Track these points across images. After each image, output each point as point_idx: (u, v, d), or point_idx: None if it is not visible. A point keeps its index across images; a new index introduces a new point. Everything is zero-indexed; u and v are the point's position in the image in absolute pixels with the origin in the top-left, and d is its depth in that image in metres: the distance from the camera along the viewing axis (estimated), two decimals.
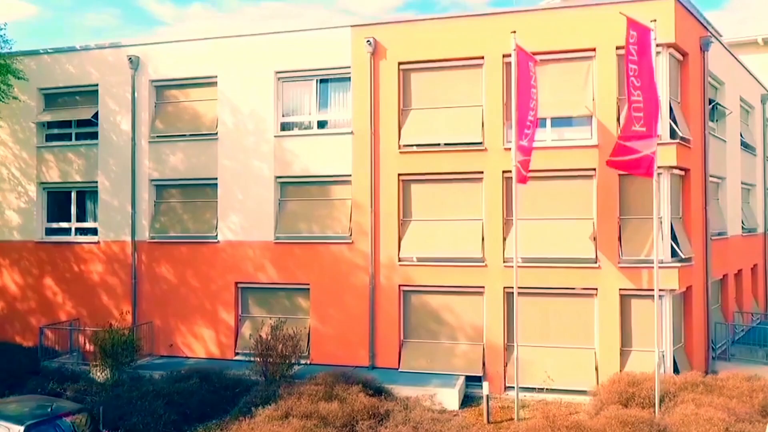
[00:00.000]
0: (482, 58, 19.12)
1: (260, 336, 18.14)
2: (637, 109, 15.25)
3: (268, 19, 74.66)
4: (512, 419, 16.25)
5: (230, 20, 74.80)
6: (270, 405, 15.29)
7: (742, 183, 25.75)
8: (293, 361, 18.16)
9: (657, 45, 17.82)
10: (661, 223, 17.98)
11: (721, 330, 21.09)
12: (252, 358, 18.47)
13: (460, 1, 75.72)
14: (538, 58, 18.34)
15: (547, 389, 18.04)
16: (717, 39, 22.30)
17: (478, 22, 19.12)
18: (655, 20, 15.73)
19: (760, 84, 28.85)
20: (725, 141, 22.90)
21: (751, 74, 27.28)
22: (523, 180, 17.15)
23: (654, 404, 15.25)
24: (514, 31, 16.54)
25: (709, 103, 21.26)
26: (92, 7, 75.00)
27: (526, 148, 16.94)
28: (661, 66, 18.07)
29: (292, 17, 78.83)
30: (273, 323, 18.80)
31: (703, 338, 19.90)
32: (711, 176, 21.18)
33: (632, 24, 15.07)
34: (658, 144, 17.76)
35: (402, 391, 17.51)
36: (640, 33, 15.09)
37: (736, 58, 24.78)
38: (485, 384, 16.77)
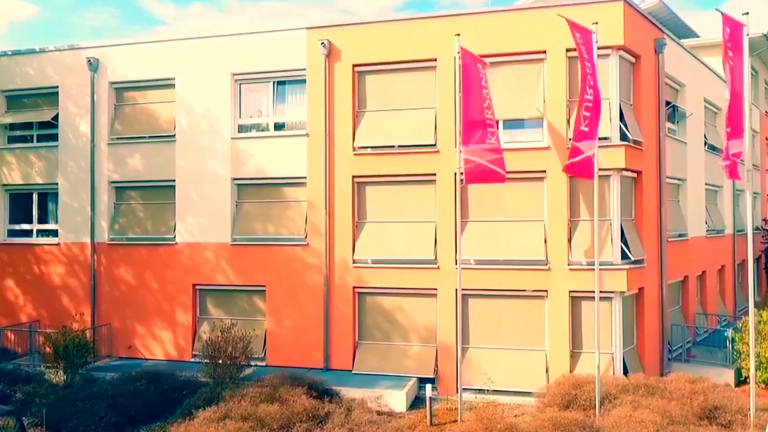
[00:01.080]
0: (435, 60, 19.14)
1: (209, 338, 18.14)
2: (587, 108, 15.29)
3: (268, 20, 74.69)
4: (456, 421, 16.27)
5: (230, 20, 74.75)
6: (211, 407, 15.29)
7: (707, 184, 25.76)
8: (243, 363, 18.15)
9: (607, 47, 17.98)
10: (610, 224, 18.03)
11: (679, 332, 21.08)
12: (202, 360, 18.48)
13: (459, 1, 75.68)
14: (490, 60, 18.41)
15: (499, 390, 18.09)
16: (676, 41, 22.35)
17: (430, 24, 19.14)
18: (596, 23, 15.75)
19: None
20: (686, 143, 22.92)
21: (717, 76, 27.28)
22: (501, 179, 17.05)
23: (595, 406, 15.29)
24: (458, 34, 16.56)
25: (667, 105, 21.31)
26: (92, 6, 75.01)
27: (496, 148, 16.86)
28: (612, 68, 18.10)
29: (291, 17, 78.82)
30: (223, 325, 18.79)
31: (658, 340, 19.92)
32: (669, 178, 21.20)
33: (574, 26, 15.09)
34: (608, 146, 17.93)
35: (350, 392, 17.53)
36: (583, 35, 15.11)
37: (699, 60, 24.82)
38: (428, 386, 16.78)
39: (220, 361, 17.80)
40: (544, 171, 18.35)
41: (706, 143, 25.39)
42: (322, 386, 17.10)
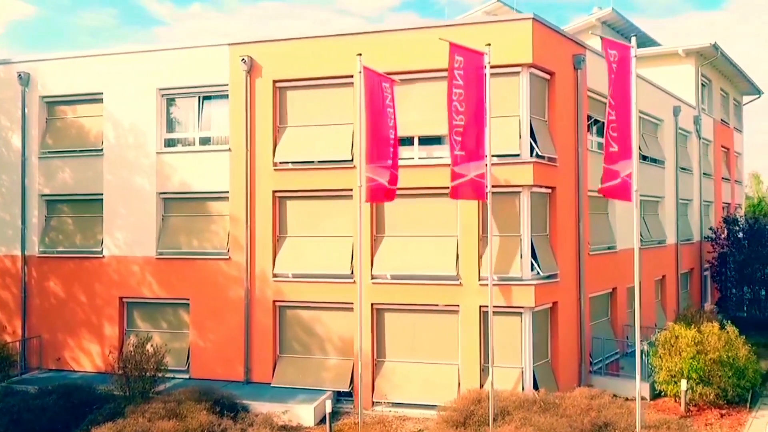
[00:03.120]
0: (351, 76, 19.29)
1: (121, 352, 18.33)
2: (457, 133, 15.50)
3: (267, 19, 75.07)
4: None
5: (230, 20, 75.01)
6: (110, 423, 15.48)
7: (644, 195, 25.92)
8: (154, 377, 18.30)
9: (516, 65, 18.20)
10: (520, 240, 18.23)
11: (601, 344, 21.23)
12: (111, 373, 18.69)
13: (458, 1, 75.90)
14: (406, 77, 18.65)
15: (413, 404, 18.35)
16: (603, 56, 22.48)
17: (347, 41, 19.32)
18: (489, 44, 15.95)
19: (674, 96, 29.10)
20: None
21: (658, 88, 27.50)
22: (390, 196, 17.36)
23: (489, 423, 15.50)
24: (360, 54, 16.76)
25: (590, 120, 21.51)
26: (90, 6, 75.36)
27: (391, 166, 17.09)
28: (522, 86, 18.29)
29: (290, 17, 79.09)
30: (139, 339, 18.99)
31: (575, 353, 20.12)
32: (594, 192, 21.35)
33: (456, 49, 15.29)
34: (517, 163, 18.14)
35: (261, 407, 17.73)
36: (467, 58, 15.31)
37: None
38: (328, 402, 17.00)
39: (133, 375, 17.94)
40: None
41: (641, 155, 25.54)
42: (229, 401, 17.29)
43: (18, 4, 67.99)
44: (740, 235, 31.23)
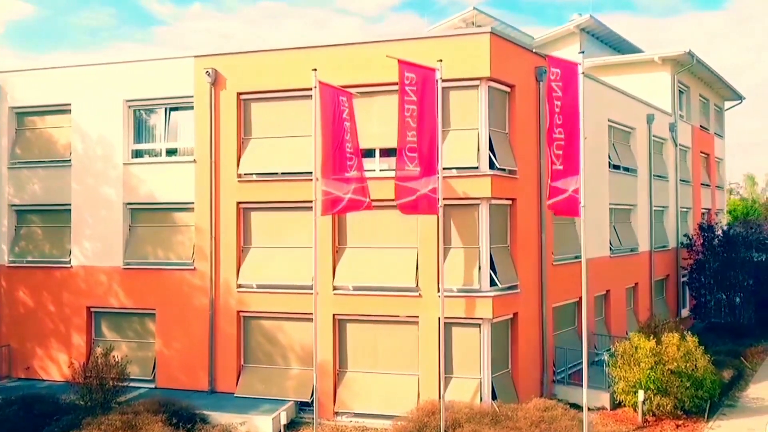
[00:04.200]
0: (317, 87, 19.46)
1: (83, 363, 18.49)
2: (411, 149, 15.64)
3: (267, 19, 75.23)
4: None
5: (229, 20, 75.19)
6: None
7: (614, 204, 26.11)
8: (117, 387, 18.43)
9: (475, 79, 18.34)
10: (479, 252, 18.38)
11: (564, 354, 21.36)
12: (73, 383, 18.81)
13: (459, 1, 76.02)
14: (366, 89, 18.80)
15: (374, 414, 18.53)
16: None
17: (307, 54, 19.45)
18: (441, 60, 16.11)
19: (647, 104, 29.23)
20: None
21: (630, 96, 27.65)
22: (361, 207, 17.51)
23: None
24: (315, 69, 16.92)
25: None
26: (89, 6, 75.56)
27: (359, 177, 17.24)
28: (481, 99, 18.42)
29: (290, 17, 79.26)
30: (104, 349, 19.15)
31: (537, 363, 20.28)
32: None
33: (406, 66, 15.44)
34: (475, 176, 18.29)
35: (221, 417, 17.92)
36: (419, 74, 15.46)
37: (601, 82, 25.12)
38: (283, 413, 17.16)
39: (94, 386, 18.09)
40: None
41: (610, 164, 25.72)
42: (188, 412, 17.45)
43: (16, 3, 68.24)
44: (715, 242, 31.35)
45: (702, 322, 31.80)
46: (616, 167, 26.41)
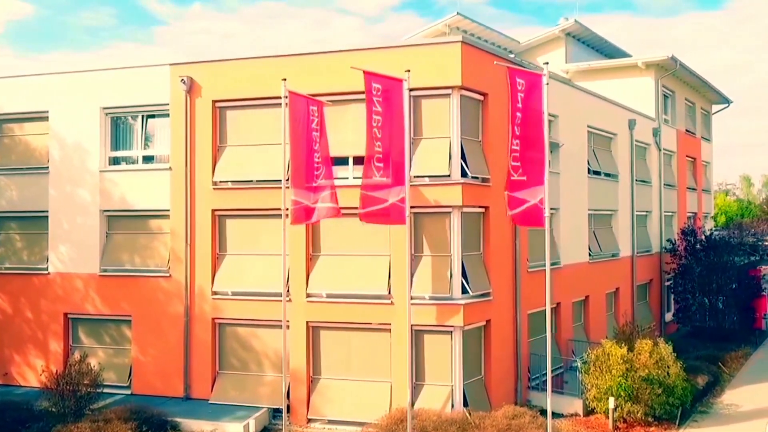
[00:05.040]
0: (287, 96, 19.55)
1: (56, 370, 18.57)
2: (379, 159, 15.71)
3: (267, 19, 75.29)
4: None
5: (229, 20, 75.20)
6: None
7: (594, 210, 26.18)
8: (90, 394, 18.47)
9: (447, 87, 18.41)
10: (450, 260, 18.46)
11: (539, 360, 21.42)
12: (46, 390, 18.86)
13: (458, 0, 76.19)
14: (340, 98, 18.88)
15: (347, 421, 18.59)
16: (550, 74, 22.69)
17: (280, 63, 19.53)
18: (409, 70, 16.19)
19: (629, 109, 29.30)
20: (558, 173, 23.26)
21: (610, 102, 27.71)
22: (337, 214, 17.60)
23: None
24: (285, 79, 17.01)
25: None
26: (88, 6, 75.65)
27: (329, 185, 17.34)
28: (452, 108, 18.50)
29: (290, 17, 79.35)
30: (78, 356, 19.24)
31: (511, 370, 20.35)
32: None
33: (372, 77, 15.50)
34: (446, 184, 18.37)
35: (193, 424, 18.01)
36: (385, 85, 15.53)
37: (579, 88, 25.20)
38: (252, 421, 17.25)
39: (67, 392, 18.14)
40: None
41: (590, 170, 25.79)
42: (160, 419, 17.55)
43: (16, 3, 68.32)
44: (698, 246, 31.43)
45: (686, 327, 31.91)
46: (597, 173, 26.49)
